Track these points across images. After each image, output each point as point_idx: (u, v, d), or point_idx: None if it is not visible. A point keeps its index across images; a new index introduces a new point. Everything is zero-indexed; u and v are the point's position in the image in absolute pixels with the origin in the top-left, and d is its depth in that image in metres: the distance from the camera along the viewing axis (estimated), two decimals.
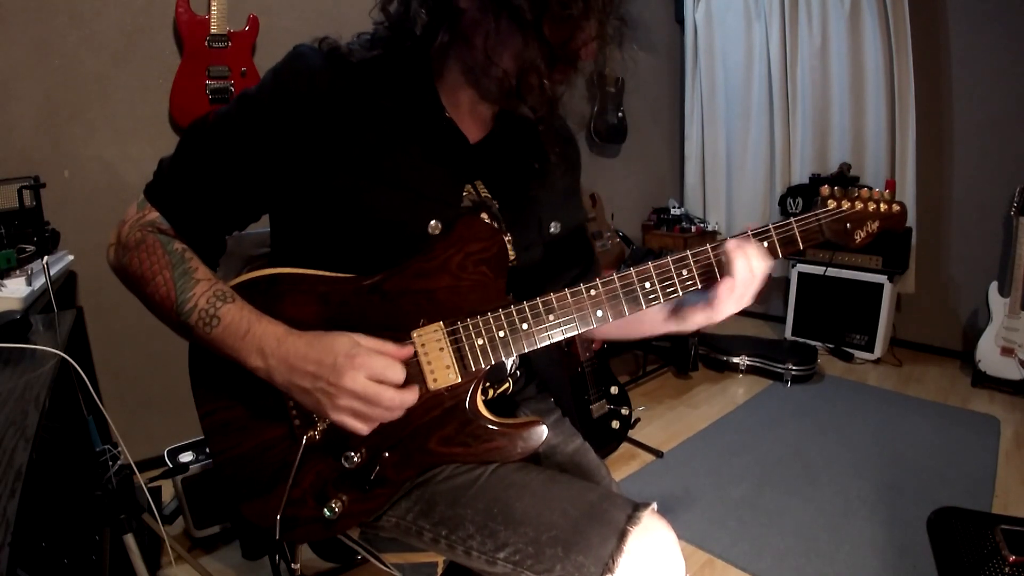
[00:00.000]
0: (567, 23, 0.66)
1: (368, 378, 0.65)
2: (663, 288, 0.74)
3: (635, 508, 0.72)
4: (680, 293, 0.74)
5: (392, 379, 0.66)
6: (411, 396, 0.68)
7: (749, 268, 0.73)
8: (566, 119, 0.93)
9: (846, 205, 0.79)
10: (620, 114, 3.20)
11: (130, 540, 1.14)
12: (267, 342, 0.66)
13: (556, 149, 0.84)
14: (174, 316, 0.69)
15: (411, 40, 0.74)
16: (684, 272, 0.74)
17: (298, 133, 0.71)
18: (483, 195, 0.82)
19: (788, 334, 3.27)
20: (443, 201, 0.76)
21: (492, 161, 0.82)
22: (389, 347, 0.68)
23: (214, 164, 0.72)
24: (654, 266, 0.74)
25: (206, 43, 1.85)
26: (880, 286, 2.91)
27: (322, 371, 0.65)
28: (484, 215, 0.80)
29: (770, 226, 0.76)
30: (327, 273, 0.74)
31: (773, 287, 3.66)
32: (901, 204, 0.82)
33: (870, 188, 0.81)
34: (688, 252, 0.74)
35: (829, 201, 0.79)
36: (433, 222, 0.75)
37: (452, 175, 0.78)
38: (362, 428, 0.67)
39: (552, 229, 0.88)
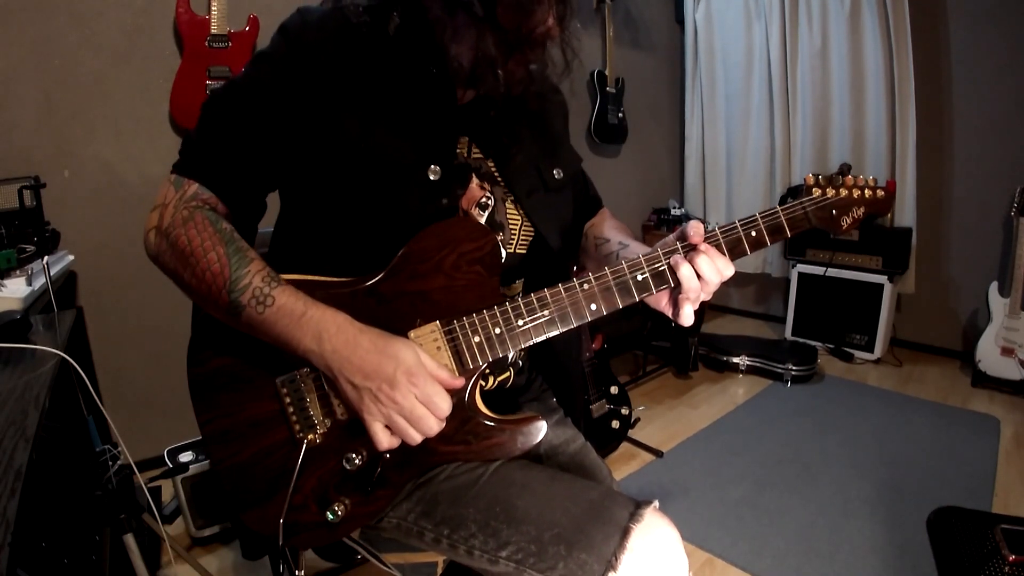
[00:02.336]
0: (520, 8, 0.68)
1: (418, 399, 0.66)
2: (654, 279, 0.75)
3: (637, 506, 0.72)
4: (671, 284, 0.75)
5: (440, 410, 0.68)
6: (442, 424, 0.69)
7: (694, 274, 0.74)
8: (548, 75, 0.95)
9: (831, 192, 0.81)
10: (620, 114, 3.20)
11: (130, 540, 1.14)
12: (326, 327, 0.67)
13: (537, 102, 0.87)
14: (224, 294, 0.67)
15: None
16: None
17: (311, 81, 0.73)
18: (474, 154, 0.83)
19: (788, 334, 3.27)
20: (440, 150, 0.78)
21: (479, 120, 0.83)
22: (444, 374, 0.69)
23: (241, 122, 0.73)
24: (645, 258, 0.75)
25: (206, 43, 1.85)
26: (880, 286, 2.91)
27: (379, 376, 0.66)
28: (473, 177, 0.82)
29: (757, 215, 0.77)
30: (324, 278, 0.74)
31: (773, 287, 3.67)
32: (886, 189, 0.84)
33: (854, 176, 0.83)
34: (678, 243, 0.75)
35: (814, 190, 0.81)
36: (433, 166, 0.76)
37: (445, 127, 0.80)
38: (387, 442, 0.68)
39: (556, 175, 0.89)
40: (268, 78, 0.73)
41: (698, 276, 0.73)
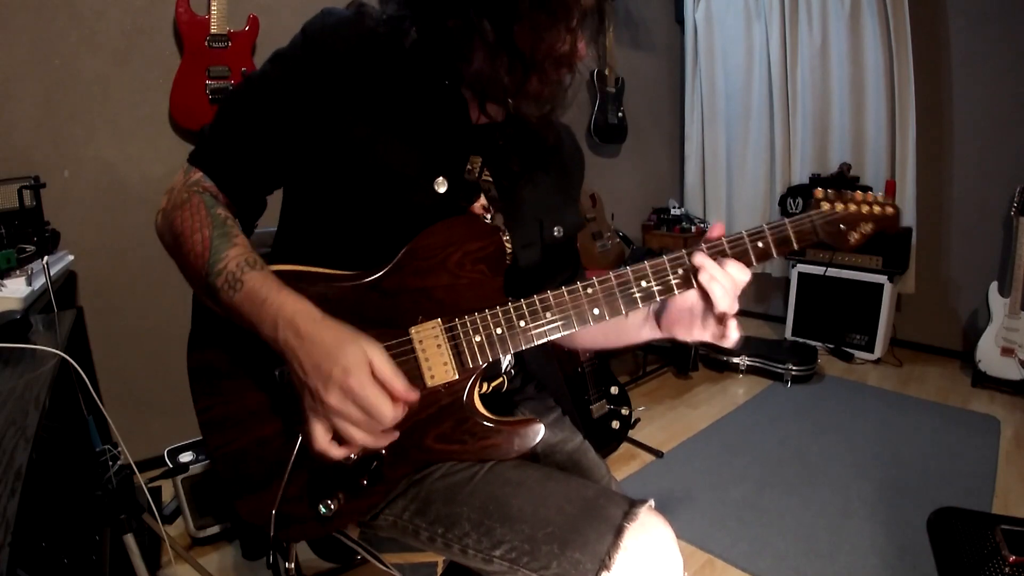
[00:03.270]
0: (535, 33, 0.67)
1: (355, 405, 0.63)
2: (659, 286, 0.74)
3: (632, 505, 0.72)
4: (676, 292, 0.74)
5: (380, 417, 0.63)
6: (384, 442, 0.67)
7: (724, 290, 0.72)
8: (571, 127, 0.95)
9: (839, 207, 0.79)
10: (620, 114, 3.20)
11: (130, 540, 1.14)
12: (283, 314, 0.65)
13: (553, 145, 0.86)
14: (203, 275, 0.69)
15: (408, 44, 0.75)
16: (680, 271, 0.74)
17: (326, 85, 0.73)
18: (484, 177, 0.83)
19: (788, 334, 3.27)
20: (448, 164, 0.78)
21: (491, 145, 0.83)
22: (397, 384, 0.64)
23: (254, 119, 0.74)
24: (650, 265, 0.74)
25: (206, 43, 1.85)
26: (880, 286, 2.91)
27: (318, 374, 0.63)
28: (481, 197, 0.81)
29: (764, 226, 0.76)
30: (327, 270, 0.74)
31: (773, 287, 3.67)
32: (895, 206, 0.82)
33: (864, 190, 0.81)
34: (684, 251, 0.74)
35: (823, 203, 0.79)
36: (440, 179, 0.76)
37: (456, 143, 0.80)
38: (320, 442, 0.65)
39: (556, 232, 0.89)
40: (282, 78, 0.74)
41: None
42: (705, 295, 0.73)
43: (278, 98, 0.74)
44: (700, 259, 0.72)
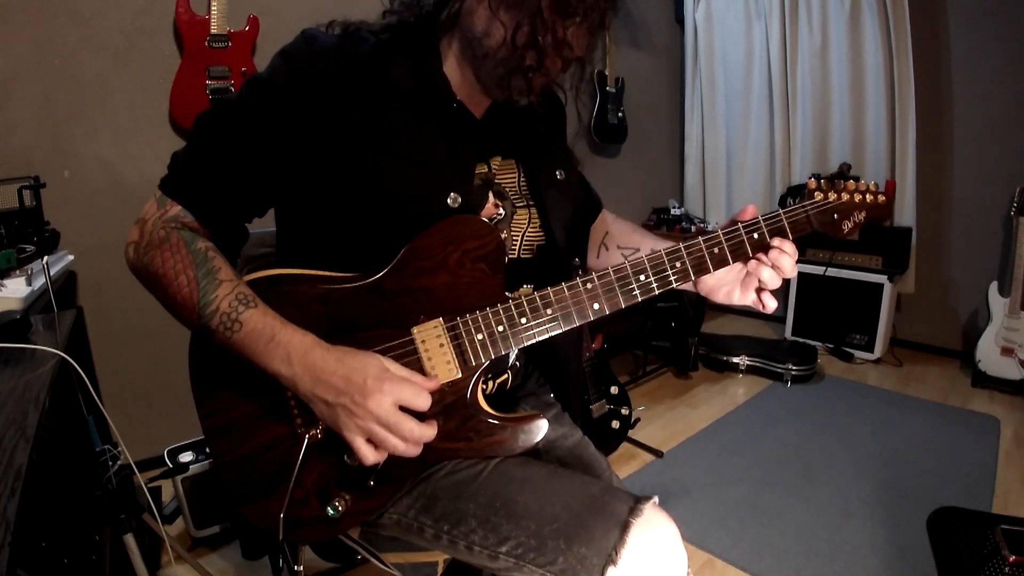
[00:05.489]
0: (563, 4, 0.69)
1: (394, 404, 0.66)
2: (657, 280, 0.76)
3: (637, 501, 0.72)
4: (674, 285, 0.76)
5: (418, 407, 0.68)
6: (430, 432, 0.69)
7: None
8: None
9: (832, 197, 0.82)
10: (620, 114, 3.20)
11: (130, 540, 1.14)
12: (293, 350, 0.67)
13: (545, 111, 0.88)
14: (195, 318, 0.69)
15: (424, 9, 0.76)
16: (678, 264, 0.76)
17: (316, 115, 0.71)
18: (494, 167, 0.84)
19: (788, 334, 3.27)
20: (458, 177, 0.78)
21: (499, 132, 0.84)
22: (417, 377, 0.70)
23: (233, 150, 0.72)
24: (648, 259, 0.75)
25: (206, 43, 1.85)
26: (880, 286, 2.91)
27: (349, 388, 0.66)
28: (490, 197, 0.82)
29: (759, 218, 0.78)
30: (327, 273, 0.74)
31: None
32: (886, 194, 0.86)
33: (856, 179, 0.84)
34: (681, 245, 0.76)
35: (816, 193, 0.82)
36: (452, 195, 0.76)
37: (464, 152, 0.79)
38: (372, 456, 0.68)
39: (559, 176, 0.90)
40: (265, 107, 0.71)
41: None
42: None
43: (260, 128, 0.71)
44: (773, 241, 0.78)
